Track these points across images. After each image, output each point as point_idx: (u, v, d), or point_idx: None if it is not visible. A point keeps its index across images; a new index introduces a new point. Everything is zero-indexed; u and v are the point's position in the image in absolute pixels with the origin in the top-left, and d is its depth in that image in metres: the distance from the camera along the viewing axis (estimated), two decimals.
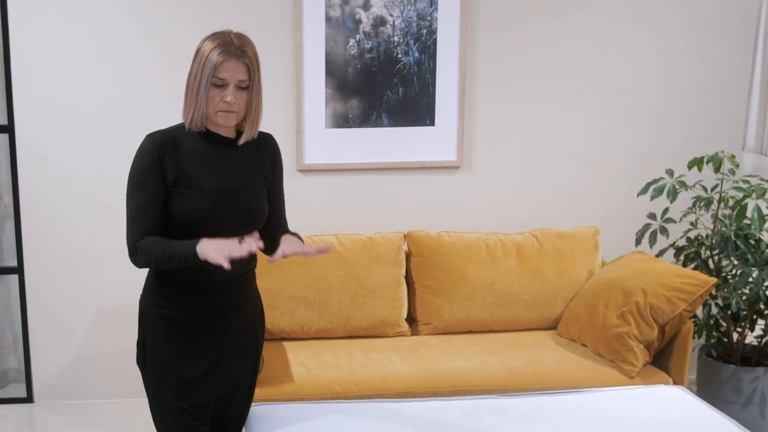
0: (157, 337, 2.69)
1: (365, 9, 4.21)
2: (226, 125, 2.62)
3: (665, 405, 3.12)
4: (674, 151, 4.49)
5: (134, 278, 4.17)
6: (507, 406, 3.12)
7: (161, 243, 2.54)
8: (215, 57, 2.52)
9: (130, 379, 4.25)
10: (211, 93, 2.55)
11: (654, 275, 3.75)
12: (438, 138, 4.37)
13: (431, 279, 4.05)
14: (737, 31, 4.45)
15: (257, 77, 2.60)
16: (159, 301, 2.68)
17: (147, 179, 2.58)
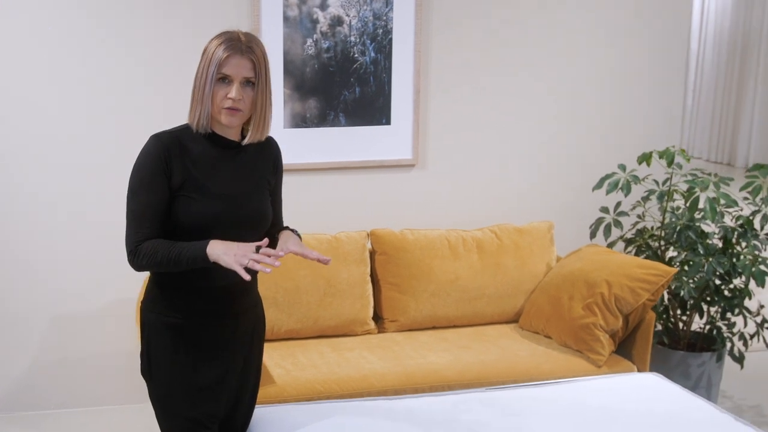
0: (163, 346, 2.64)
1: (322, 9, 4.21)
2: (230, 125, 2.58)
3: (646, 393, 3.25)
4: (617, 147, 4.66)
5: (96, 283, 4.10)
6: (495, 399, 3.19)
7: (166, 244, 2.50)
8: (220, 53, 2.50)
9: (91, 387, 4.18)
10: (215, 89, 2.52)
11: (616, 267, 3.90)
12: (394, 137, 4.42)
13: (397, 276, 4.09)
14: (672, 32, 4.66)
15: (264, 76, 2.57)
16: (163, 309, 2.64)
17: (152, 181, 2.52)
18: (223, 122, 2.57)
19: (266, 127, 2.66)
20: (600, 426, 2.97)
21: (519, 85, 4.50)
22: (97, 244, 4.09)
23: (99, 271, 4.11)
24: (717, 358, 4.24)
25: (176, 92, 4.05)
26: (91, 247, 4.09)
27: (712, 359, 4.25)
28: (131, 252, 2.53)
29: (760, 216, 4.14)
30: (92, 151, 4.04)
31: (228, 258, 2.42)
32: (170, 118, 3.91)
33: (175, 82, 4.05)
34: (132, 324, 4.08)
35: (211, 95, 2.53)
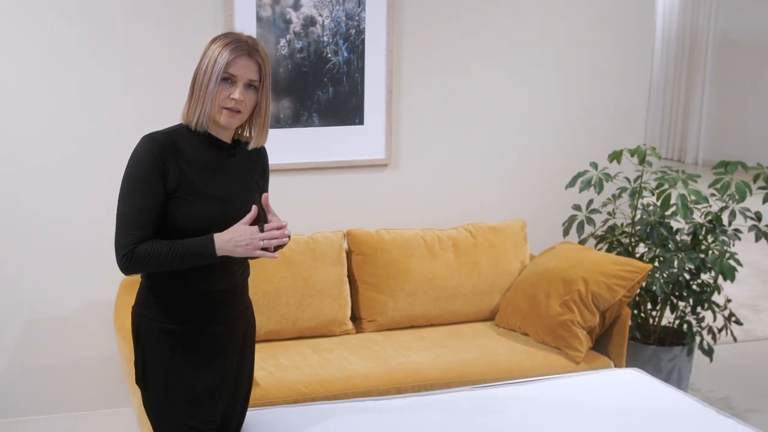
0: (158, 353, 2.61)
1: (295, 9, 4.20)
2: (229, 126, 2.56)
3: (628, 388, 3.30)
4: (584, 146, 4.72)
5: (71, 287, 4.03)
6: (482, 398, 3.22)
7: (164, 244, 2.46)
8: (227, 53, 2.48)
9: (66, 393, 4.12)
10: (218, 88, 2.50)
11: (591, 264, 3.95)
12: (367, 137, 4.42)
13: (374, 276, 4.10)
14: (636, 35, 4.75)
15: (268, 79, 2.57)
16: (157, 315, 2.60)
17: (147, 183, 2.48)
18: (222, 123, 2.55)
19: (267, 130, 2.65)
20: (588, 422, 3.01)
21: (490, 85, 4.54)
22: (71, 247, 4.03)
23: (74, 275, 4.04)
24: (687, 351, 4.32)
25: (148, 92, 4.02)
26: (66, 251, 4.03)
27: (683, 353, 4.33)
28: (125, 255, 2.48)
29: (728, 212, 4.23)
30: (67, 153, 3.98)
31: (242, 250, 2.45)
32: (144, 119, 3.90)
33: (146, 82, 4.01)
34: (108, 328, 4.03)
35: (213, 94, 2.50)
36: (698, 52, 11.02)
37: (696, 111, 11.11)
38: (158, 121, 3.74)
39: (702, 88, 11.03)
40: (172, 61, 4.02)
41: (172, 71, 4.02)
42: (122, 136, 3.95)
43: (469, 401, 3.17)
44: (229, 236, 2.45)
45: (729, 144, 10.86)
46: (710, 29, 10.89)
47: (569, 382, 3.39)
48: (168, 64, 4.03)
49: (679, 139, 11.28)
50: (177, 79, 4.01)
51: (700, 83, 11.04)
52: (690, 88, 11.14)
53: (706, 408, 3.13)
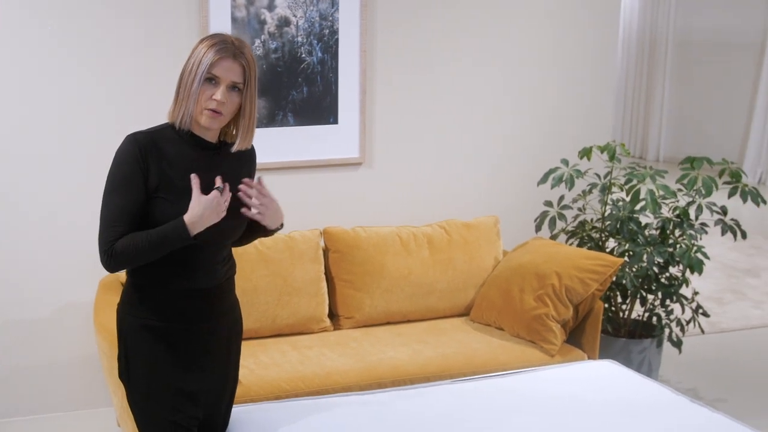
0: (140, 349, 2.64)
1: (270, 10, 4.24)
2: (210, 127, 2.59)
3: (604, 380, 3.38)
4: (554, 143, 4.81)
5: (49, 288, 4.02)
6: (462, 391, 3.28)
7: (141, 235, 2.50)
8: (212, 54, 2.51)
9: (45, 394, 4.11)
10: (202, 88, 2.53)
11: (564, 259, 4.03)
12: (341, 135, 4.47)
13: (351, 274, 4.15)
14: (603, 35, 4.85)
15: (253, 82, 2.59)
16: (140, 312, 2.64)
17: (129, 182, 2.52)
18: (203, 124, 2.57)
19: (252, 133, 2.67)
20: (566, 413, 3.09)
21: (463, 84, 4.61)
22: (50, 248, 4.02)
23: (52, 276, 4.04)
24: (657, 344, 4.42)
25: (124, 92, 4.03)
26: (44, 252, 4.02)
27: (653, 345, 4.43)
28: (106, 252, 2.51)
29: (695, 207, 4.33)
30: (46, 152, 3.97)
31: (211, 218, 2.50)
32: (122, 119, 3.92)
33: (122, 82, 4.02)
34: (87, 328, 4.04)
35: (197, 94, 2.53)
36: (658, 51, 11.20)
37: (657, 109, 11.29)
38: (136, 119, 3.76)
39: (662, 86, 11.20)
40: (149, 62, 4.04)
41: (148, 72, 4.04)
42: (101, 135, 3.97)
43: (451, 394, 3.23)
44: (196, 208, 2.49)
45: (689, 141, 11.03)
46: (669, 29, 11.06)
47: (546, 375, 3.46)
48: (144, 64, 4.04)
49: (640, 137, 11.47)
50: (153, 79, 4.04)
51: (660, 82, 11.22)
52: (651, 87, 11.32)
53: (679, 397, 3.22)
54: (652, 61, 11.26)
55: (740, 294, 6.21)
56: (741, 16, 10.37)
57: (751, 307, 5.96)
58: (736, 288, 6.33)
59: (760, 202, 4.32)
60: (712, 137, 10.73)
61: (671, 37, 11.10)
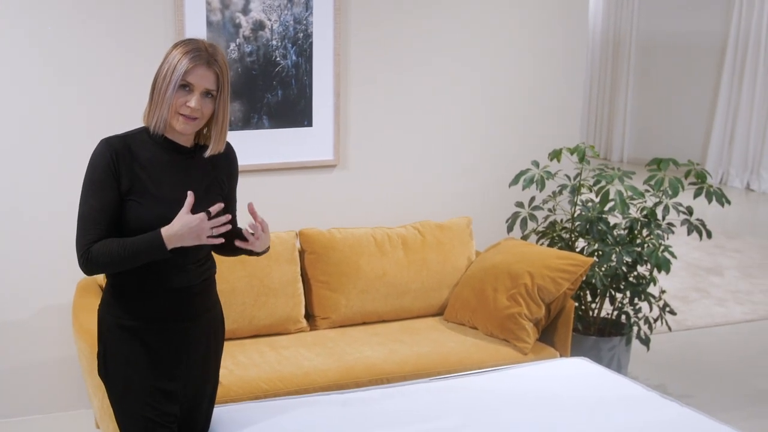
0: (118, 347, 2.68)
1: (245, 13, 4.28)
2: (184, 132, 2.63)
3: (577, 377, 3.47)
4: (524, 146, 4.89)
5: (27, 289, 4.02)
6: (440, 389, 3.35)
7: (117, 242, 2.54)
8: (186, 62, 2.55)
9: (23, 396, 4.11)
10: (176, 95, 2.57)
11: (536, 258, 4.12)
12: (316, 138, 4.52)
13: (326, 275, 4.20)
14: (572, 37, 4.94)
15: (226, 88, 2.64)
16: (118, 312, 2.68)
17: (101, 185, 2.57)
18: (178, 129, 2.62)
19: (225, 137, 2.72)
20: (541, 409, 3.17)
21: (436, 87, 4.68)
22: (27, 249, 4.03)
23: (29, 278, 4.05)
24: (626, 341, 4.52)
25: (98, 95, 4.04)
26: (21, 253, 4.03)
27: (622, 343, 4.52)
28: (83, 255, 2.56)
29: (661, 207, 4.44)
30: (19, 154, 3.98)
31: (193, 239, 2.54)
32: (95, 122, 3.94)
33: (96, 85, 4.03)
34: (65, 330, 4.05)
35: (171, 100, 2.58)
36: (621, 54, 11.37)
37: (620, 111, 11.46)
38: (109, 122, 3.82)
39: (626, 89, 11.38)
40: (123, 65, 4.06)
41: (122, 75, 4.06)
42: (75, 137, 3.98)
43: (429, 392, 3.30)
44: (177, 225, 2.52)
45: (652, 143, 11.22)
46: (633, 32, 11.25)
47: (521, 372, 3.54)
48: (119, 67, 4.06)
49: (605, 139, 11.64)
50: (128, 82, 4.06)
51: (623, 85, 11.39)
52: (614, 90, 11.49)
53: (650, 393, 3.31)
54: (616, 63, 11.44)
55: (704, 292, 6.35)
56: (702, 20, 10.58)
57: (714, 305, 6.10)
58: (701, 286, 6.47)
59: (725, 203, 4.44)
60: (674, 139, 10.93)
61: (634, 40, 11.28)
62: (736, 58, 10.21)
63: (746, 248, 7.51)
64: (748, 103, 10.12)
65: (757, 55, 10.00)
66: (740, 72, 10.17)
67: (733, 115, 10.27)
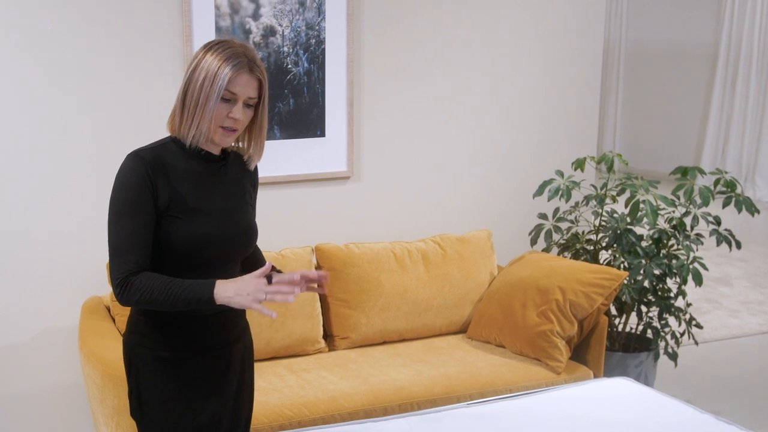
0: (155, 382, 2.46)
1: (255, 19, 4.07)
2: (224, 144, 2.44)
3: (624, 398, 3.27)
4: (541, 155, 4.72)
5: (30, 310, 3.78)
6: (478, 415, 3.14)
7: (163, 281, 2.28)
8: (228, 70, 2.33)
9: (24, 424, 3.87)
10: (217, 106, 2.36)
11: (567, 273, 3.93)
12: (329, 149, 4.32)
13: (345, 292, 3.99)
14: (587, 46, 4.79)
15: (266, 95, 2.44)
16: (152, 343, 2.45)
17: (137, 203, 2.33)
18: (218, 142, 2.41)
19: (264, 144, 2.53)
20: None
21: (453, 95, 4.49)
22: (30, 267, 3.78)
23: (33, 298, 3.80)
24: (654, 357, 4.35)
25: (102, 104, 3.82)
26: (23, 271, 3.78)
27: (649, 358, 4.35)
28: (120, 284, 2.30)
29: (690, 217, 4.27)
30: (18, 167, 3.74)
31: (242, 300, 2.23)
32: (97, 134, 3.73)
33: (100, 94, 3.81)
34: (70, 354, 3.81)
35: (212, 113, 2.35)
36: (611, 63, 11.27)
37: (610, 121, 11.35)
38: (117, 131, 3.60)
39: (616, 98, 11.28)
40: (129, 72, 3.83)
41: (129, 82, 3.84)
42: (75, 150, 3.76)
43: (469, 418, 3.09)
44: (233, 286, 2.25)
45: (643, 152, 11.12)
46: (622, 41, 11.15)
47: (560, 395, 3.33)
48: (124, 74, 3.84)
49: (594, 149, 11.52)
50: (135, 89, 3.84)
51: (613, 93, 11.29)
52: (604, 99, 11.38)
53: (704, 415, 3.12)
54: (605, 72, 11.33)
55: (716, 303, 6.20)
56: (693, 28, 10.50)
57: (728, 316, 5.95)
58: (711, 297, 6.32)
59: (754, 212, 4.28)
60: (666, 148, 10.83)
61: (624, 49, 11.19)
62: (728, 66, 10.13)
63: (751, 257, 7.38)
64: (741, 110, 10.04)
65: (749, 62, 9.92)
66: (732, 79, 10.09)
67: (726, 122, 10.18)
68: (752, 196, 9.85)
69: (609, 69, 11.29)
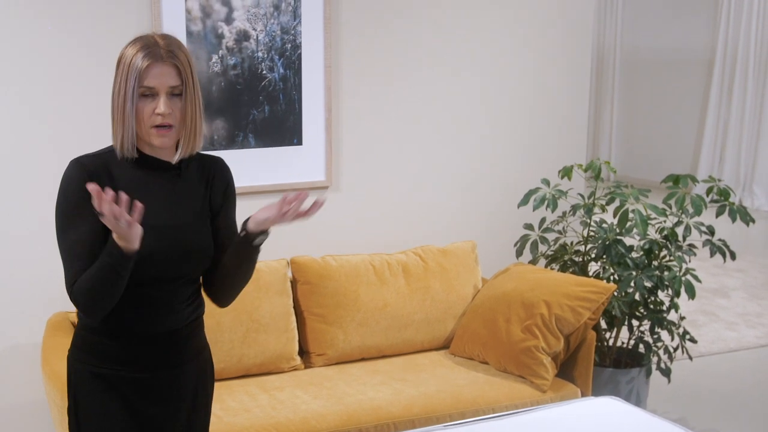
0: (92, 400, 2.31)
1: (228, 23, 3.91)
2: (163, 146, 2.26)
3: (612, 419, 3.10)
4: (529, 163, 4.57)
5: None
6: None
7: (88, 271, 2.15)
8: (139, 62, 2.17)
9: None
10: (139, 106, 2.19)
11: (553, 286, 3.76)
12: (306, 157, 4.16)
13: (322, 306, 3.82)
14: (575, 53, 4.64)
15: (191, 82, 2.24)
16: (92, 358, 2.31)
17: (78, 212, 2.18)
18: (157, 144, 2.25)
19: (198, 139, 2.31)
20: None
21: (435, 102, 4.33)
22: None
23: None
24: (646, 373, 4.18)
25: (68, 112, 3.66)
26: None
27: (641, 374, 4.18)
28: (70, 295, 2.20)
29: (682, 227, 4.11)
30: None
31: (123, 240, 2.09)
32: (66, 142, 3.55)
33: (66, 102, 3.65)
34: (34, 373, 3.64)
35: (133, 113, 2.19)
36: (606, 70, 11.13)
37: (606, 128, 11.21)
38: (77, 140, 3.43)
39: (611, 105, 11.13)
40: (94, 80, 3.67)
41: (92, 90, 3.68)
42: (37, 159, 3.61)
43: None
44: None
45: (639, 160, 10.97)
46: (617, 47, 11.01)
47: (544, 415, 3.15)
48: (89, 82, 3.68)
49: (589, 156, 11.35)
50: (97, 98, 3.67)
51: (608, 101, 11.15)
52: (599, 106, 11.23)
53: None
54: (600, 79, 11.18)
55: (713, 315, 6.03)
56: (688, 34, 10.35)
57: (725, 329, 5.78)
58: (708, 309, 6.15)
59: (749, 221, 4.12)
60: (662, 156, 10.67)
61: (619, 56, 11.05)
62: (725, 72, 9.97)
63: (748, 268, 7.21)
64: (738, 118, 9.88)
65: (746, 68, 9.76)
66: (729, 86, 9.93)
67: (723, 130, 10.02)
68: (750, 205, 9.66)
69: (604, 76, 11.14)
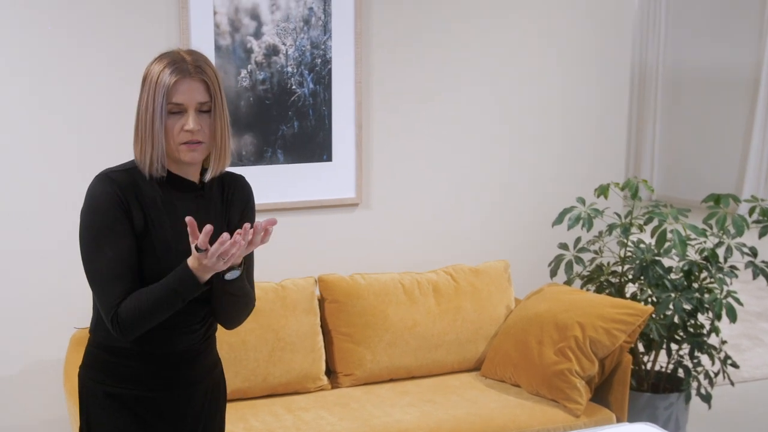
0: (106, 420, 2.26)
1: (257, 37, 3.87)
2: (193, 161, 2.21)
3: None
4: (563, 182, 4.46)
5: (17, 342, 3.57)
6: None
7: (144, 293, 2.11)
8: (167, 78, 2.12)
9: None
10: (168, 123, 2.14)
11: (587, 307, 3.65)
12: (336, 174, 4.09)
13: (350, 326, 3.74)
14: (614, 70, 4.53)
15: (220, 98, 2.19)
16: (103, 377, 2.26)
17: (112, 228, 2.13)
18: (185, 160, 2.20)
19: (227, 157, 2.27)
20: None
21: (467, 118, 4.25)
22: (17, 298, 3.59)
23: (19, 330, 3.60)
24: (685, 398, 4.03)
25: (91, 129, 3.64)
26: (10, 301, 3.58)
27: (680, 400, 4.04)
28: (112, 320, 2.12)
29: (723, 248, 3.97)
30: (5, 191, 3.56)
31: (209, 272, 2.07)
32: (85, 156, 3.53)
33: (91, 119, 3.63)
34: (57, 389, 3.60)
35: (163, 131, 2.14)
36: (648, 88, 10.96)
37: (648, 148, 11.03)
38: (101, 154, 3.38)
39: (653, 124, 10.95)
40: (121, 93, 3.63)
41: (120, 106, 3.64)
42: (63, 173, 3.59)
43: None
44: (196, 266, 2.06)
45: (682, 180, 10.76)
46: (660, 66, 10.84)
47: None
48: (117, 96, 3.65)
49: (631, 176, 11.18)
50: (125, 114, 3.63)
51: (651, 120, 10.97)
52: (642, 125, 11.06)
53: None
54: (643, 98, 11.01)
55: (757, 340, 5.84)
56: (732, 52, 10.14)
57: None
58: (752, 333, 5.96)
59: None
60: (706, 175, 10.45)
61: (661, 74, 10.87)
62: None
63: None
64: None
65: None
66: None
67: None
68: None
69: (646, 94, 10.96)
